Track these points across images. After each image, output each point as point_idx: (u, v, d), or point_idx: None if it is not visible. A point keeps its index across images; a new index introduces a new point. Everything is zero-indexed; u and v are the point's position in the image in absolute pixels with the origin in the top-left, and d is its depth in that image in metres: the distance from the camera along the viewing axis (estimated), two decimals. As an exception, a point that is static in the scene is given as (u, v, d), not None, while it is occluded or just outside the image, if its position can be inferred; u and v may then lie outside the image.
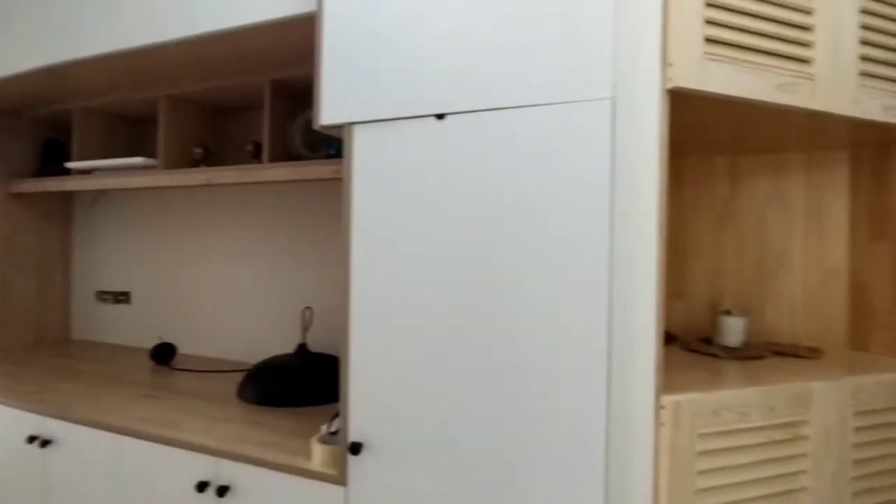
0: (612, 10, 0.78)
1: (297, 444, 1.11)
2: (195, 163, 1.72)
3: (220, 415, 1.29)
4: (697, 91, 0.78)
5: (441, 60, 0.89)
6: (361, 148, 0.96)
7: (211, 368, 1.74)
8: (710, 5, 0.80)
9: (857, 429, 0.90)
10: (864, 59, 0.92)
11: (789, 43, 0.85)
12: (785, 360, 1.06)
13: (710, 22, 0.80)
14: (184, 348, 1.95)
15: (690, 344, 1.16)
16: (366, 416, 0.94)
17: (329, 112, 0.98)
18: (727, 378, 0.89)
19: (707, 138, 1.15)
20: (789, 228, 1.24)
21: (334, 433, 1.03)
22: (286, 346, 1.75)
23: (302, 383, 1.44)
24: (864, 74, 0.92)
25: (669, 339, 1.25)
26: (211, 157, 1.76)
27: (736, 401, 0.79)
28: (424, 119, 0.91)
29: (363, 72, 0.95)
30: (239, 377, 1.64)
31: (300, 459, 1.03)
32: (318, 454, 1.01)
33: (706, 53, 0.79)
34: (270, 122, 1.54)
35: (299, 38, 1.26)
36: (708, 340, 1.17)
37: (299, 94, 1.57)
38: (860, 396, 0.90)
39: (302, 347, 1.56)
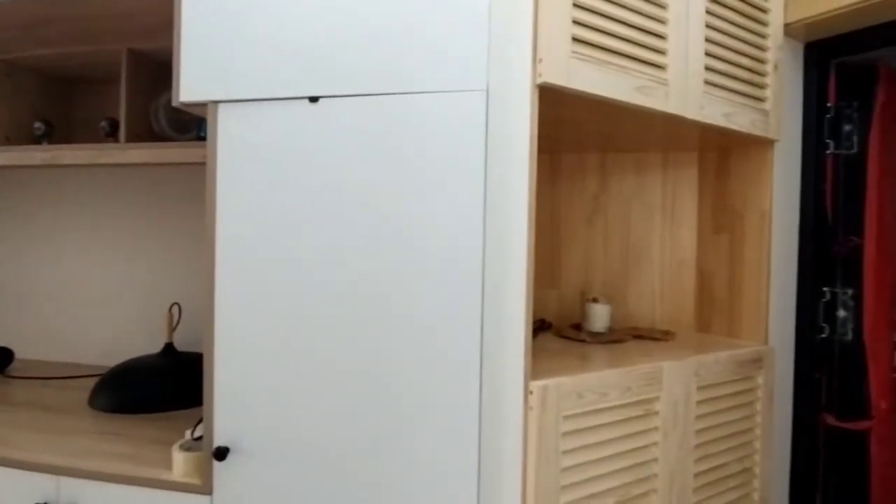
0: (487, 3, 0.79)
1: (158, 453, 1.01)
2: (36, 140, 1.50)
3: (66, 427, 1.14)
4: (565, 88, 0.81)
5: (316, 39, 0.84)
6: (227, 129, 0.88)
7: (57, 374, 1.54)
8: (577, 6, 0.83)
9: (699, 402, 1.00)
10: (708, 69, 1.02)
11: (646, 49, 0.92)
12: (643, 342, 1.15)
13: (577, 22, 0.83)
14: (23, 353, 1.70)
15: (562, 330, 1.22)
16: (232, 419, 0.87)
17: (189, 88, 0.90)
18: (591, 362, 0.95)
19: (580, 136, 1.21)
20: (649, 222, 1.36)
21: (199, 439, 0.95)
22: (152, 347, 1.59)
23: (168, 386, 1.32)
24: (708, 83, 1.02)
25: (545, 326, 1.31)
26: (56, 135, 1.54)
27: (597, 383, 0.85)
28: (296, 101, 0.86)
29: (229, 45, 0.88)
30: (93, 383, 1.46)
31: (160, 471, 0.94)
32: (180, 463, 0.92)
33: (573, 52, 0.83)
34: (128, 98, 1.38)
35: (160, 3, 1.14)
36: (578, 327, 1.24)
37: (163, 67, 1.43)
38: (701, 373, 1.00)
39: (169, 347, 1.43)
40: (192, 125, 1.41)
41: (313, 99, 0.85)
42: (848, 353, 1.30)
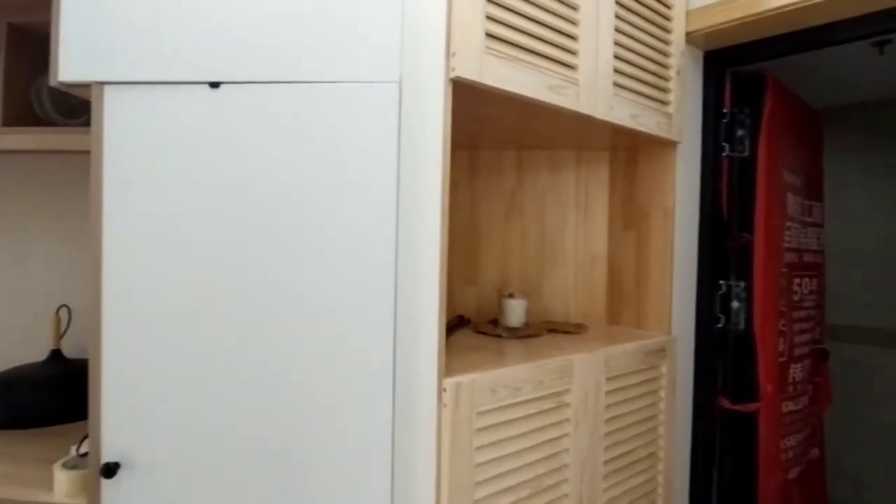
0: (399, -7, 0.77)
1: (40, 472, 0.91)
2: None
3: (-76, 448, 1.00)
4: (478, 83, 0.81)
5: (219, 18, 0.78)
6: (114, 114, 0.80)
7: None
8: (490, 2, 0.83)
9: (608, 392, 1.04)
10: (617, 71, 1.06)
11: (559, 48, 0.94)
12: (556, 336, 1.18)
13: (490, 18, 0.83)
14: None
15: (480, 326, 1.23)
16: (123, 432, 0.80)
17: (70, 66, 0.81)
18: (506, 357, 0.95)
19: (498, 132, 1.22)
20: (563, 219, 1.39)
21: (85, 455, 0.86)
22: (36, 354, 1.43)
23: (54, 397, 1.19)
24: (617, 85, 1.06)
25: (463, 322, 1.31)
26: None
27: (510, 377, 0.85)
28: (195, 86, 0.79)
29: (119, 19, 0.80)
30: (-39, 396, 1.29)
31: (40, 491, 0.85)
32: (62, 482, 0.84)
33: (487, 48, 0.82)
34: (7, 78, 1.24)
35: (38, -27, 1.02)
36: (495, 322, 1.25)
37: (47, 44, 1.28)
38: (610, 364, 1.04)
39: (56, 354, 1.30)
40: (83, 109, 1.28)
41: (214, 84, 0.79)
42: (741, 341, 1.41)
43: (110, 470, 0.79)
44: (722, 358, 1.43)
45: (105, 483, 0.80)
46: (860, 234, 2.46)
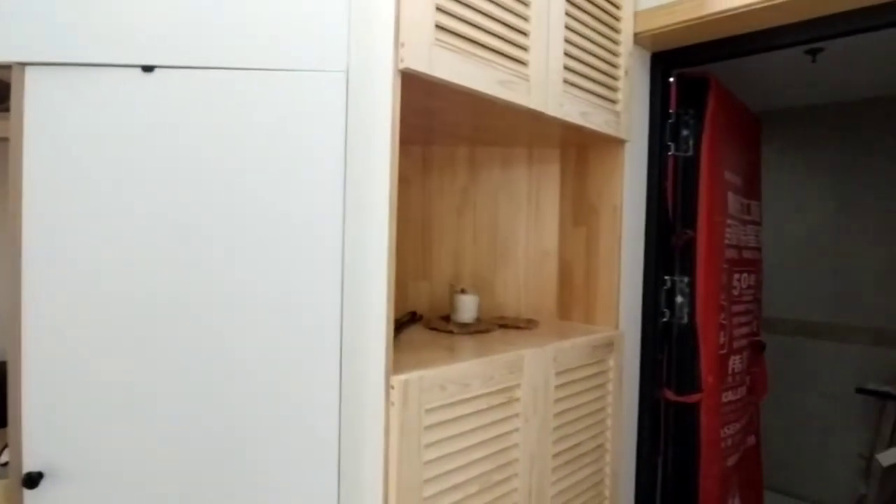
0: (346, -21, 0.74)
1: (-48, 485, 0.84)
2: None
3: None
4: (427, 75, 0.79)
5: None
6: (37, 98, 0.75)
7: None
8: (440, -7, 0.82)
9: (557, 386, 1.05)
10: (567, 69, 1.07)
11: (509, 44, 0.93)
12: (508, 331, 1.19)
13: (441, 10, 0.82)
14: None
15: (432, 322, 1.22)
16: (46, 440, 0.74)
17: (-15, 45, 0.74)
18: (457, 353, 0.95)
19: (450, 128, 1.21)
20: (515, 215, 1.40)
21: (5, 465, 0.80)
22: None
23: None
24: (567, 82, 1.07)
25: (416, 318, 1.30)
26: None
27: (460, 373, 0.85)
28: (127, 69, 0.75)
29: (38, -1, 0.74)
30: None
31: (-49, 506, 0.78)
32: (-23, 495, 0.77)
33: (437, 40, 0.81)
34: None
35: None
36: (447, 318, 1.25)
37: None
38: (559, 359, 1.05)
39: (-26, 356, 1.19)
40: (4, 94, 1.19)
41: (147, 68, 0.75)
42: (684, 334, 1.46)
43: (33, 480, 0.73)
44: (666, 351, 1.47)
45: (28, 494, 0.74)
46: (790, 232, 2.60)
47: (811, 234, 2.56)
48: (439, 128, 1.22)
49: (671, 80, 1.46)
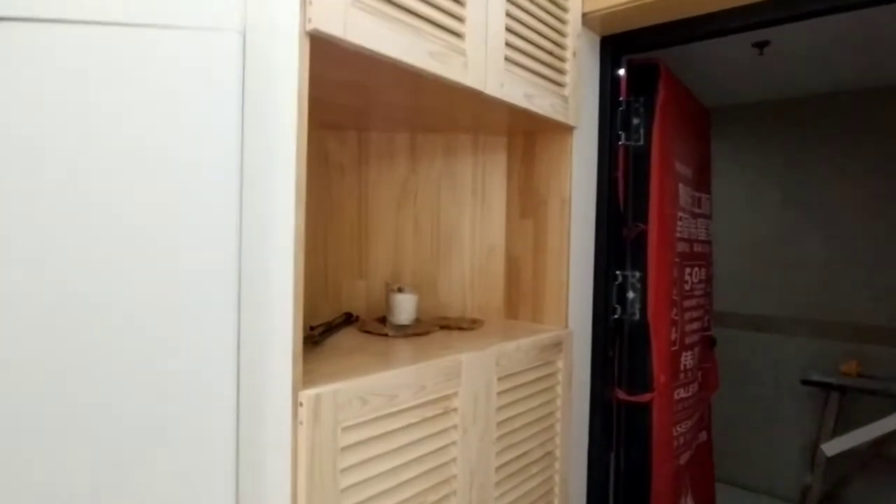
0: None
1: None
2: None
3: None
4: (341, 40, 0.68)
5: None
6: None
7: None
8: (359, -53, 0.71)
9: (500, 392, 0.96)
10: (510, 46, 0.98)
11: (442, 12, 0.83)
12: (450, 333, 1.09)
13: (359, -33, 0.71)
14: None
15: (366, 325, 1.11)
16: None
17: None
18: (388, 359, 0.84)
19: (386, 110, 1.10)
20: (459, 207, 1.31)
21: None
22: None
23: None
24: (509, 60, 0.98)
25: (351, 320, 1.19)
26: None
27: (385, 384, 0.74)
28: (-38, 22, 0.60)
29: None
30: None
31: None
32: None
33: (354, 0, 0.70)
34: None
35: None
36: (384, 320, 1.14)
37: None
38: (502, 362, 0.96)
39: None
40: None
41: (-10, 21, 0.61)
42: (636, 331, 1.40)
43: None
44: (618, 349, 1.41)
45: None
46: (736, 226, 2.61)
47: (757, 229, 2.59)
48: (375, 110, 1.11)
49: (621, 66, 1.39)
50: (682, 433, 1.57)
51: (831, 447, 2.25)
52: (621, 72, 1.39)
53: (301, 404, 0.65)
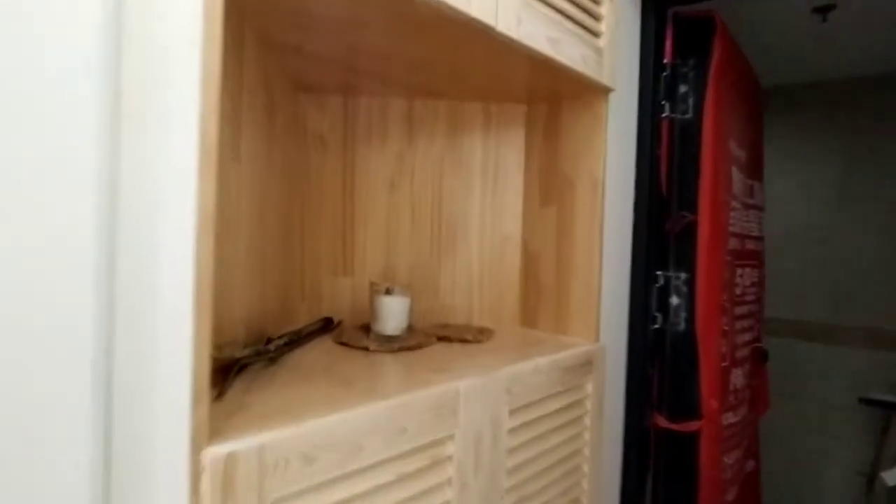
0: None
1: None
2: None
3: None
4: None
5: None
6: None
7: None
8: None
9: (512, 430, 0.73)
10: (530, -28, 0.74)
11: None
12: (449, 346, 0.86)
13: None
14: None
15: (345, 334, 0.88)
16: None
17: None
18: (357, 387, 0.61)
19: (380, 63, 0.87)
20: (466, 190, 1.07)
21: None
22: None
23: None
24: (530, -9, 0.74)
25: (329, 327, 0.96)
26: None
27: (344, 431, 0.51)
28: None
29: None
30: None
31: None
32: None
33: None
34: None
35: None
36: (368, 328, 0.91)
37: None
38: (516, 389, 0.73)
39: None
40: None
41: None
42: (680, 344, 1.15)
43: None
44: (658, 366, 1.17)
45: None
46: (784, 221, 2.33)
47: (808, 225, 2.30)
48: (365, 65, 0.88)
49: (667, 21, 1.14)
50: (729, 464, 1.32)
51: (893, 475, 1.97)
52: (667, 27, 1.14)
53: (203, 469, 0.43)
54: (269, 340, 0.77)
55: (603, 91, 0.95)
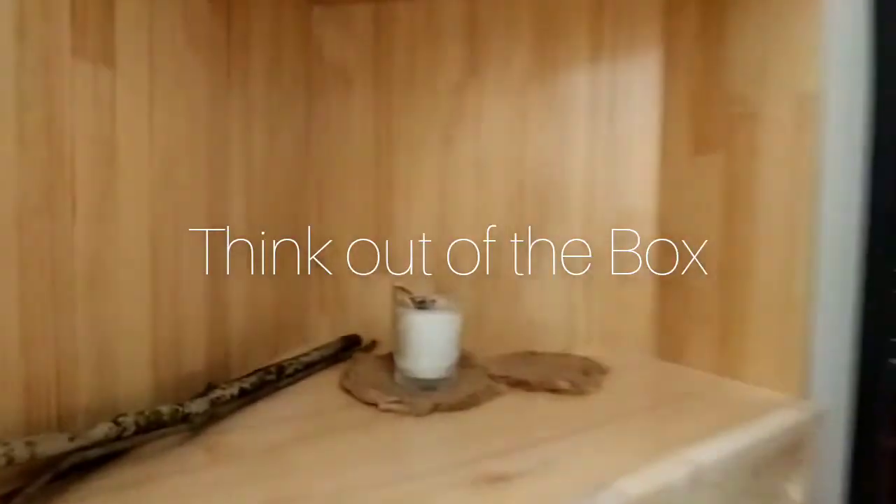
0: None
1: None
2: None
3: None
4: None
5: None
6: None
7: None
8: None
9: None
10: None
11: None
12: (531, 400, 0.49)
13: None
14: None
15: (353, 374, 0.54)
16: None
17: None
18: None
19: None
20: (563, 140, 0.68)
21: None
22: None
23: None
24: None
25: (352, 345, 0.64)
26: None
27: None
28: None
29: None
30: None
31: None
32: None
33: None
34: None
35: None
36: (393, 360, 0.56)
37: None
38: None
39: None
40: None
41: None
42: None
43: None
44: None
45: None
46: None
47: None
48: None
49: None
50: None
51: None
52: None
53: None
54: (207, 387, 0.45)
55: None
